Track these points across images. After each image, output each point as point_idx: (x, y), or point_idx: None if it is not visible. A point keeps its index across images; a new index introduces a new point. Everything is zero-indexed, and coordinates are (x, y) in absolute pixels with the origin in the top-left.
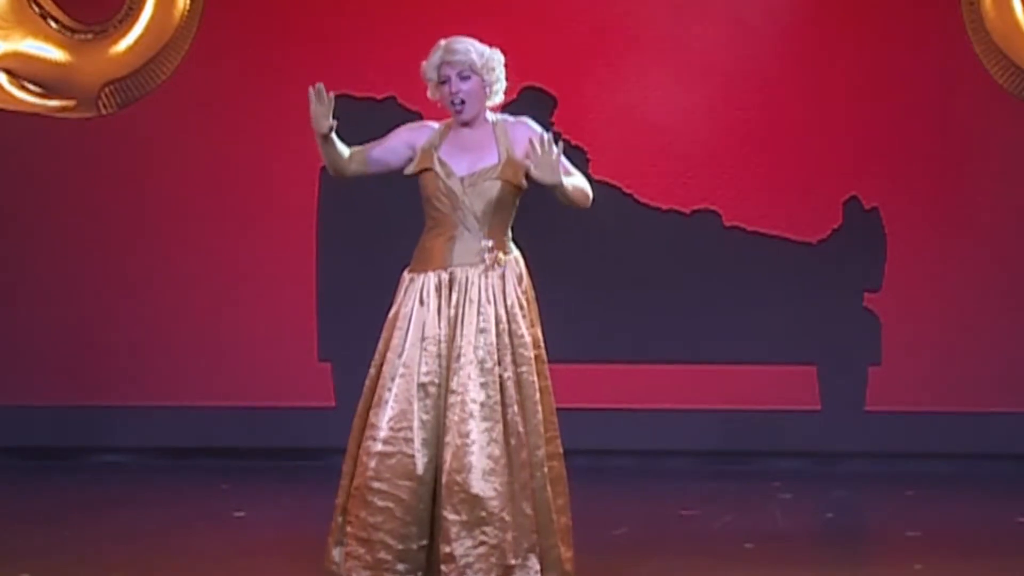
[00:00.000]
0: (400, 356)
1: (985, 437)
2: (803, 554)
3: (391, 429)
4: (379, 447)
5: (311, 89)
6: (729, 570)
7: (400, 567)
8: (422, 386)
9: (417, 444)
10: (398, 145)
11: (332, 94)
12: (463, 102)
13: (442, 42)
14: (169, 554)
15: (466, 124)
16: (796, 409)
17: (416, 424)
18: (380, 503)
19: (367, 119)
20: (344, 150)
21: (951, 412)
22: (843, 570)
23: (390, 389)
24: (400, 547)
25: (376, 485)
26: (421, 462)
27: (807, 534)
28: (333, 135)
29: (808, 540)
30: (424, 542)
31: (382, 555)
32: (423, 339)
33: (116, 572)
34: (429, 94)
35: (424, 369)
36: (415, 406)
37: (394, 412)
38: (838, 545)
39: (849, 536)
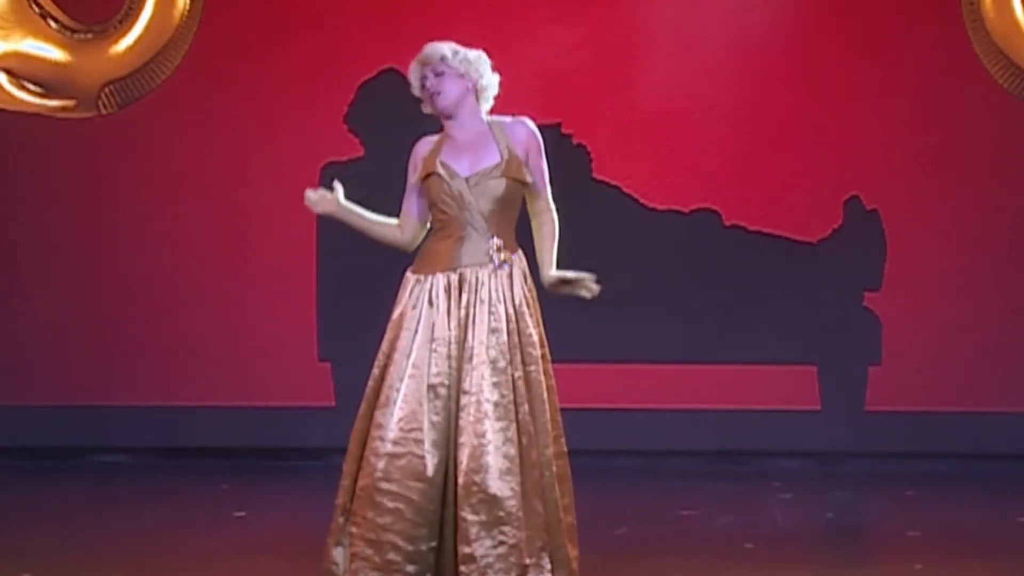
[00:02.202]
0: (408, 357)
1: (985, 437)
2: (803, 554)
3: (401, 430)
4: (388, 448)
5: (307, 202)
6: (729, 570)
7: (410, 568)
8: (432, 387)
9: (427, 445)
10: (412, 177)
11: (331, 188)
12: (439, 92)
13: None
14: (169, 554)
15: (450, 117)
16: (796, 409)
17: (426, 425)
18: (390, 504)
19: None
20: (379, 218)
21: (951, 412)
22: (843, 570)
23: (398, 390)
24: (410, 548)
25: (385, 486)
26: (431, 463)
27: (807, 534)
28: (347, 204)
29: (808, 540)
30: (433, 543)
31: (391, 556)
32: (432, 340)
33: (116, 572)
34: (425, 110)
35: (434, 370)
36: (425, 407)
37: (403, 413)
38: (838, 545)
39: (849, 536)
